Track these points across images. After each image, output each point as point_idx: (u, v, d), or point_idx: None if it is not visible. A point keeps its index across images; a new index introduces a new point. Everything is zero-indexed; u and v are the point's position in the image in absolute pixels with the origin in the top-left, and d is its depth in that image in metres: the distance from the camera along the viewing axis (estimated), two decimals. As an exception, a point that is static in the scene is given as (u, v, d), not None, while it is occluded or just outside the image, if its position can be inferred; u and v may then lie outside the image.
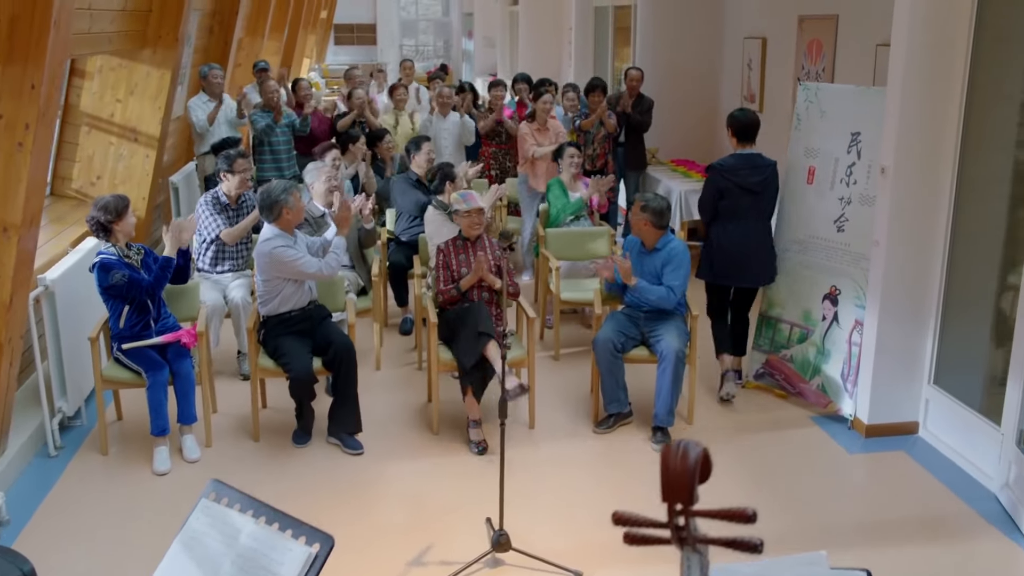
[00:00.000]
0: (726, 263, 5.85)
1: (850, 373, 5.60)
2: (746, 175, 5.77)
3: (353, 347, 5.40)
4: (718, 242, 5.86)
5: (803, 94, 5.97)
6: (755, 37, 8.82)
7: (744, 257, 5.83)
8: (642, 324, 5.60)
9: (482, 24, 24.04)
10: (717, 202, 5.83)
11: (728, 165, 5.83)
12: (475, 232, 5.61)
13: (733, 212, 5.79)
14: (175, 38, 6.97)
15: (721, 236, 5.85)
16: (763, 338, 6.13)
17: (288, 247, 5.34)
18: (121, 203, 5.27)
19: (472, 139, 9.04)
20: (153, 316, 5.33)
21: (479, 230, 5.62)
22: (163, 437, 5.20)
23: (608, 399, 5.54)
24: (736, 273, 5.88)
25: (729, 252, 5.83)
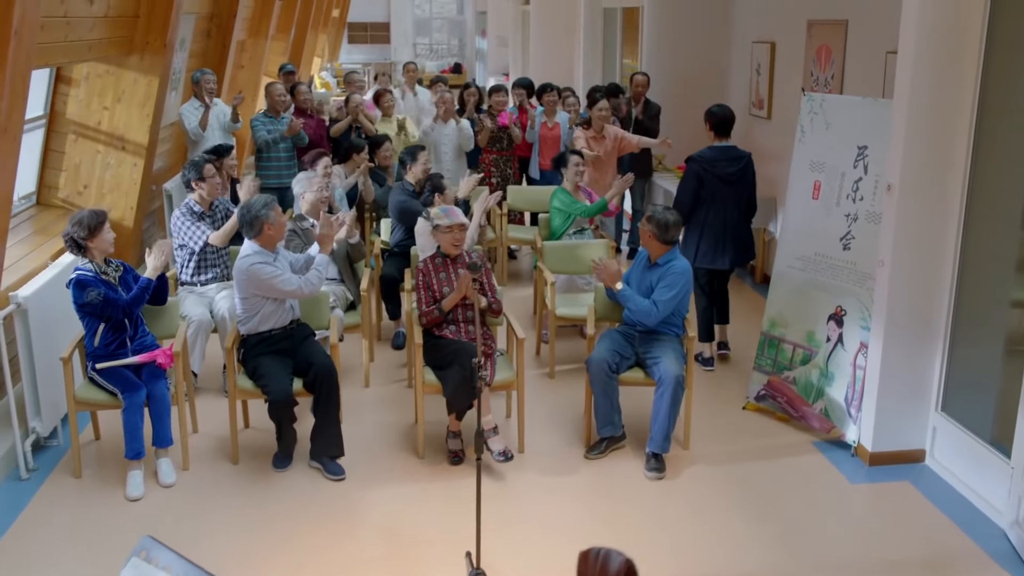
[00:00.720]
0: (708, 248, 6.34)
1: (854, 398, 5.36)
2: (724, 166, 6.30)
3: (334, 369, 5.20)
4: (700, 229, 6.32)
5: (808, 104, 5.73)
6: (764, 41, 8.57)
7: (724, 241, 6.32)
8: (637, 344, 5.38)
9: (495, 23, 23.84)
10: (698, 191, 6.27)
11: (707, 157, 6.35)
12: (456, 250, 5.40)
13: (712, 200, 6.28)
14: (163, 44, 6.79)
15: (703, 223, 6.31)
16: (765, 358, 5.89)
17: (266, 264, 5.15)
18: (96, 219, 5.08)
19: (471, 144, 8.83)
20: (129, 334, 5.15)
21: (460, 248, 5.40)
22: (138, 460, 5.02)
23: (601, 422, 5.32)
24: (718, 257, 6.34)
25: (710, 237, 6.31)
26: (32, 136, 6.82)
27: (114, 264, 5.20)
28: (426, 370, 5.30)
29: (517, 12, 20.12)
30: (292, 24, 14.80)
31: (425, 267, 5.45)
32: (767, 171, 8.60)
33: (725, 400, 6.09)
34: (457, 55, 31.45)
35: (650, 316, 5.27)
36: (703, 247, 6.32)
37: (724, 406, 6.01)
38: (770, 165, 8.53)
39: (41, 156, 6.93)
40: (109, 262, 5.20)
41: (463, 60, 30.86)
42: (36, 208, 6.97)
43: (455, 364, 5.11)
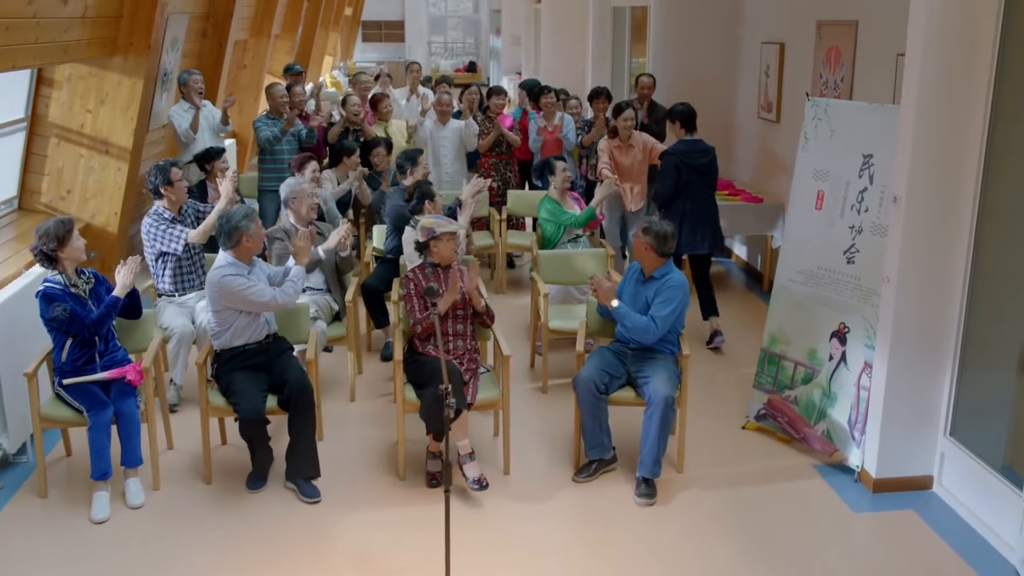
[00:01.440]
0: (688, 235, 6.77)
1: (858, 420, 5.08)
2: (696, 157, 6.84)
3: (310, 386, 4.97)
4: (680, 218, 6.72)
5: (811, 110, 5.45)
6: (773, 42, 8.28)
7: (703, 227, 6.84)
8: (629, 362, 5.13)
9: (510, 21, 23.60)
10: (677, 182, 6.77)
11: (682, 150, 6.86)
12: (455, 257, 5.17)
13: (688, 190, 6.80)
14: (147, 45, 6.59)
15: (682, 212, 6.77)
16: (765, 376, 5.62)
17: (238, 275, 4.94)
18: (63, 228, 4.86)
19: (474, 143, 8.58)
20: (99, 350, 4.94)
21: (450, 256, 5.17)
22: (104, 481, 4.81)
23: (590, 444, 5.07)
24: (698, 242, 6.79)
25: (689, 225, 6.78)
26: (13, 139, 6.64)
27: (85, 275, 5.00)
28: (407, 387, 5.07)
29: (530, 11, 19.87)
30: (299, 23, 14.59)
31: (414, 276, 5.22)
32: (776, 176, 8.33)
33: (724, 419, 5.82)
34: (472, 54, 31.23)
35: (648, 333, 5.01)
36: (684, 235, 6.74)
37: (722, 425, 5.74)
38: (779, 170, 8.25)
39: (23, 160, 6.74)
40: (81, 272, 4.99)
41: (478, 59, 30.64)
42: (17, 213, 6.79)
43: (432, 383, 4.88)
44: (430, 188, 6.17)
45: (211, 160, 6.98)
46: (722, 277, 8.92)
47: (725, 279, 8.86)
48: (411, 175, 6.80)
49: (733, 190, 8.53)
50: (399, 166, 6.97)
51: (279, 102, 8.42)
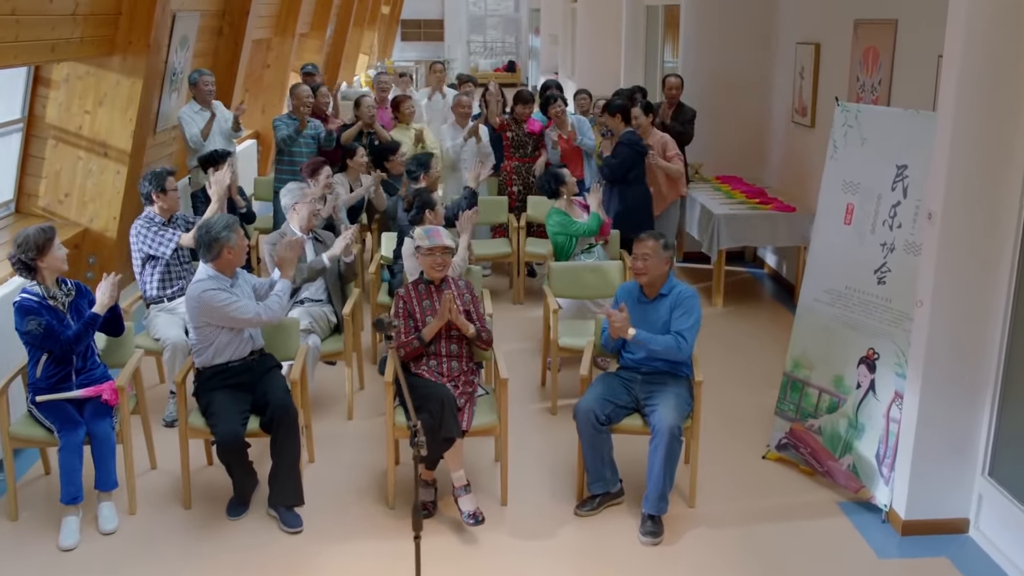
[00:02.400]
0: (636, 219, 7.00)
1: (887, 455, 4.66)
2: (640, 147, 7.31)
3: (293, 408, 4.66)
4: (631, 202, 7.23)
5: (841, 116, 5.03)
6: (808, 42, 7.84)
7: (646, 212, 7.32)
8: (638, 389, 4.75)
9: (548, 21, 23.27)
10: (630, 169, 7.21)
11: (634, 139, 7.29)
12: (439, 274, 4.84)
13: (637, 176, 7.28)
14: (146, 43, 6.33)
15: (629, 197, 7.24)
16: (787, 402, 5.22)
17: (220, 290, 4.64)
18: (43, 236, 4.60)
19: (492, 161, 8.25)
20: (76, 366, 4.67)
21: (443, 272, 4.84)
22: (74, 506, 4.54)
23: (592, 477, 4.71)
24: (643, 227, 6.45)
25: (636, 209, 7.21)
26: (9, 140, 6.42)
27: (66, 287, 4.72)
28: (398, 411, 4.74)
29: (567, 9, 19.50)
30: (328, 21, 14.34)
31: (407, 293, 4.90)
32: (809, 184, 7.88)
33: (743, 447, 5.42)
34: (512, 53, 30.90)
35: (680, 351, 4.65)
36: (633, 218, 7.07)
37: (741, 454, 5.34)
38: (813, 178, 7.79)
39: (20, 162, 6.52)
40: (63, 283, 4.72)
41: (517, 58, 30.30)
42: (14, 217, 6.57)
43: (426, 408, 4.55)
44: (431, 197, 5.83)
45: (215, 164, 6.71)
46: (752, 287, 8.49)
47: (755, 289, 8.44)
48: (423, 180, 6.48)
49: (765, 198, 8.10)
50: (408, 171, 6.64)
51: (303, 103, 8.16)
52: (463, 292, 4.90)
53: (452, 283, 4.90)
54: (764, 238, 7.78)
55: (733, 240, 7.70)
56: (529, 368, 6.52)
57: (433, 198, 5.82)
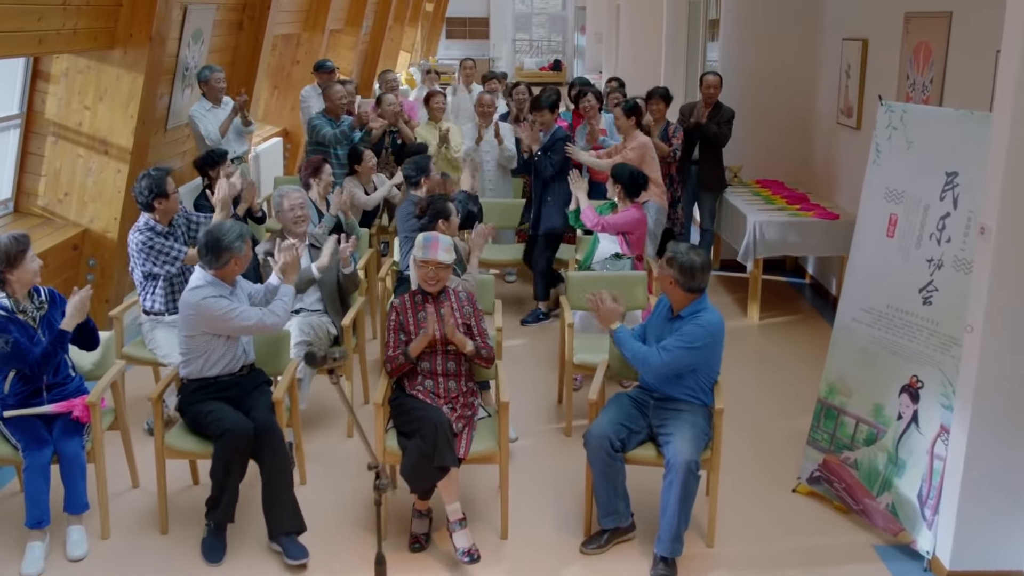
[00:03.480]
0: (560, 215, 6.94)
1: (930, 495, 4.17)
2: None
3: (277, 428, 4.30)
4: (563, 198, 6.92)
5: (885, 117, 4.55)
6: (855, 38, 7.31)
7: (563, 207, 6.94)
8: (651, 413, 4.32)
9: (593, 18, 22.83)
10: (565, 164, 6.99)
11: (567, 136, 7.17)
12: (431, 288, 4.45)
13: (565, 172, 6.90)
14: (148, 36, 6.03)
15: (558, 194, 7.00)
16: (821, 431, 4.74)
17: (221, 297, 4.31)
18: (17, 246, 4.25)
19: (514, 164, 7.85)
20: (47, 382, 4.35)
21: (437, 286, 4.45)
22: (39, 530, 4.22)
23: (603, 511, 4.28)
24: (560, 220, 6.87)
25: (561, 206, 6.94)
26: (7, 136, 6.16)
27: (38, 299, 4.38)
28: (390, 434, 4.36)
29: (611, 7, 19.03)
30: (363, 17, 14.04)
31: (401, 305, 4.52)
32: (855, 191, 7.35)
33: (770, 478, 4.95)
34: (558, 52, 30.43)
35: (647, 364, 4.22)
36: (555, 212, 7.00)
37: (768, 486, 4.88)
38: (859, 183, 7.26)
39: (18, 159, 6.26)
40: (36, 292, 4.39)
41: (563, 57, 29.82)
42: (13, 216, 6.32)
43: (420, 433, 4.17)
44: (447, 206, 5.40)
45: (215, 165, 6.29)
46: (791, 299, 7.98)
47: (794, 301, 7.93)
48: (424, 184, 6.10)
49: (806, 204, 7.59)
50: (407, 177, 6.24)
51: (337, 103, 7.82)
52: (463, 304, 4.51)
53: (452, 295, 4.51)
54: (804, 247, 7.28)
55: (771, 249, 7.22)
56: (548, 383, 6.12)
57: (449, 207, 5.41)
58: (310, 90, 9.21)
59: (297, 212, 5.36)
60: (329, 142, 7.64)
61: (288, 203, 5.34)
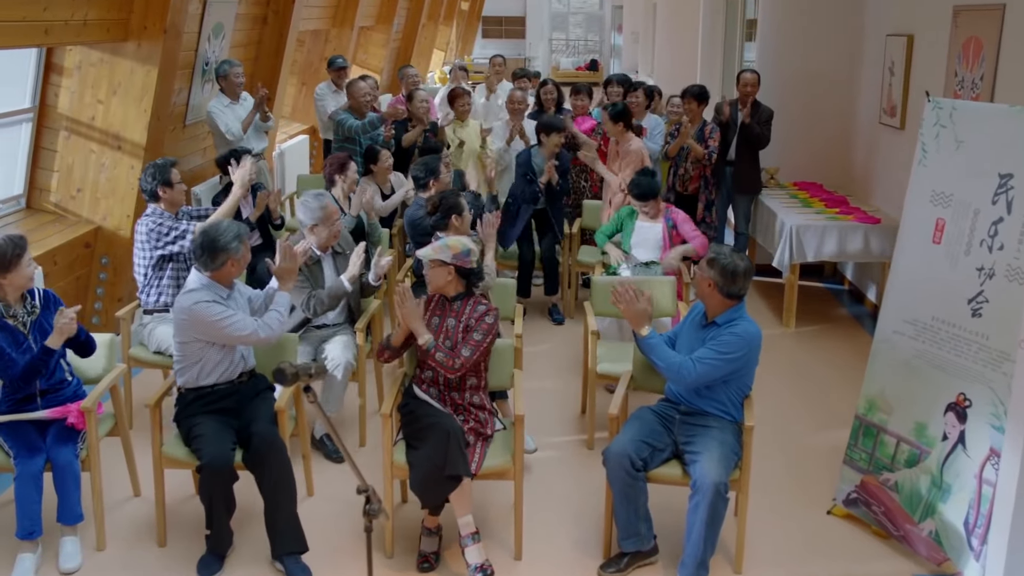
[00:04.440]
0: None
1: (978, 524, 3.86)
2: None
3: (279, 441, 4.08)
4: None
5: (933, 114, 4.24)
6: (899, 34, 6.97)
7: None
8: (677, 429, 4.05)
9: (630, 18, 22.52)
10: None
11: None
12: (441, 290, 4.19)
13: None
14: (162, 29, 5.85)
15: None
16: (858, 450, 4.44)
17: (215, 303, 4.07)
18: (13, 250, 4.02)
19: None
20: (40, 387, 4.16)
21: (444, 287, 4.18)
22: (31, 542, 4.03)
23: (623, 533, 4.01)
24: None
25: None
26: (19, 130, 6.02)
27: (30, 302, 4.17)
28: (398, 447, 4.12)
29: (648, 5, 18.72)
30: (395, 15, 13.85)
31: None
32: (898, 194, 7.02)
33: (804, 498, 4.65)
34: (595, 51, 30.13)
35: (680, 375, 3.95)
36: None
37: (801, 507, 4.58)
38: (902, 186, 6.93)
39: (31, 154, 6.11)
40: (30, 295, 4.19)
41: (600, 56, 29.51)
42: (25, 212, 6.17)
43: (430, 443, 3.93)
44: (459, 201, 5.17)
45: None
46: (829, 306, 7.65)
47: (833, 309, 7.60)
48: (433, 187, 5.86)
49: (846, 207, 7.27)
50: (415, 178, 6.01)
51: (361, 101, 7.61)
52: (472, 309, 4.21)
53: (471, 303, 4.22)
54: (844, 252, 6.94)
55: (808, 254, 6.90)
56: (571, 392, 5.85)
57: (461, 202, 5.16)
58: (324, 87, 8.99)
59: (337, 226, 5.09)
60: (356, 133, 7.42)
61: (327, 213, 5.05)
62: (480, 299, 4.24)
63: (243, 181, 5.33)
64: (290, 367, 2.87)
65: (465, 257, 4.11)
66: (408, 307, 4.08)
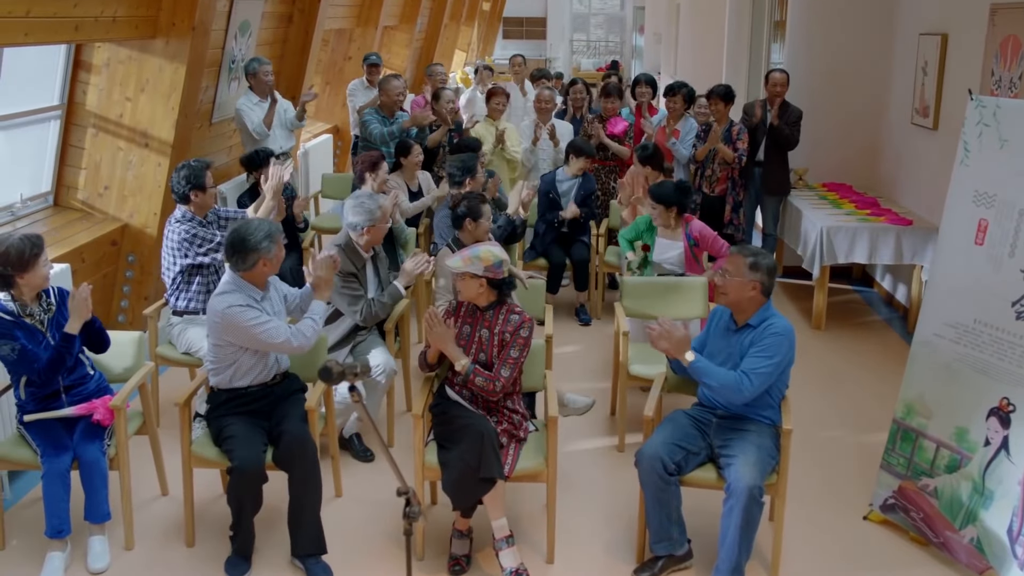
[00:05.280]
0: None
1: (1022, 531, 3.77)
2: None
3: (310, 441, 4.03)
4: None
5: (975, 113, 4.15)
6: (933, 33, 6.87)
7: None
8: (713, 433, 3.98)
9: (652, 19, 22.43)
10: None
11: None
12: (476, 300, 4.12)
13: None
14: (190, 26, 5.82)
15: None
16: (896, 455, 4.35)
17: (249, 307, 4.01)
18: (31, 250, 3.98)
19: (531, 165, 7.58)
20: (63, 383, 4.13)
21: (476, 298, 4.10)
22: (59, 540, 4.01)
23: (656, 536, 3.94)
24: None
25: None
26: (47, 128, 6.01)
27: (46, 300, 4.13)
28: (429, 448, 4.07)
29: (671, 6, 18.62)
30: (418, 14, 13.83)
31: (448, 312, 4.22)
32: (929, 194, 6.94)
33: (839, 504, 4.57)
34: (616, 52, 30.01)
35: (740, 393, 3.86)
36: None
37: (836, 513, 4.50)
38: (933, 186, 6.86)
39: (58, 151, 6.10)
40: (45, 293, 4.15)
41: (621, 58, 29.40)
42: (52, 210, 6.16)
43: (463, 444, 3.87)
44: (480, 207, 5.07)
45: (259, 166, 6.18)
46: (858, 309, 7.55)
47: (862, 312, 7.50)
48: (468, 186, 5.80)
49: (877, 209, 7.17)
50: (450, 175, 5.95)
51: (394, 98, 7.56)
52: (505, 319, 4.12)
53: (504, 314, 4.13)
54: (875, 254, 6.83)
55: (839, 256, 6.81)
56: (600, 394, 5.78)
57: (483, 209, 5.08)
58: (357, 84, 9.00)
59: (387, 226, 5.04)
60: (375, 140, 7.38)
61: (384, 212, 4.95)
62: (513, 307, 4.14)
63: (275, 191, 5.29)
64: (336, 365, 2.82)
65: (497, 269, 4.01)
66: (439, 332, 4.00)
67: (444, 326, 4.00)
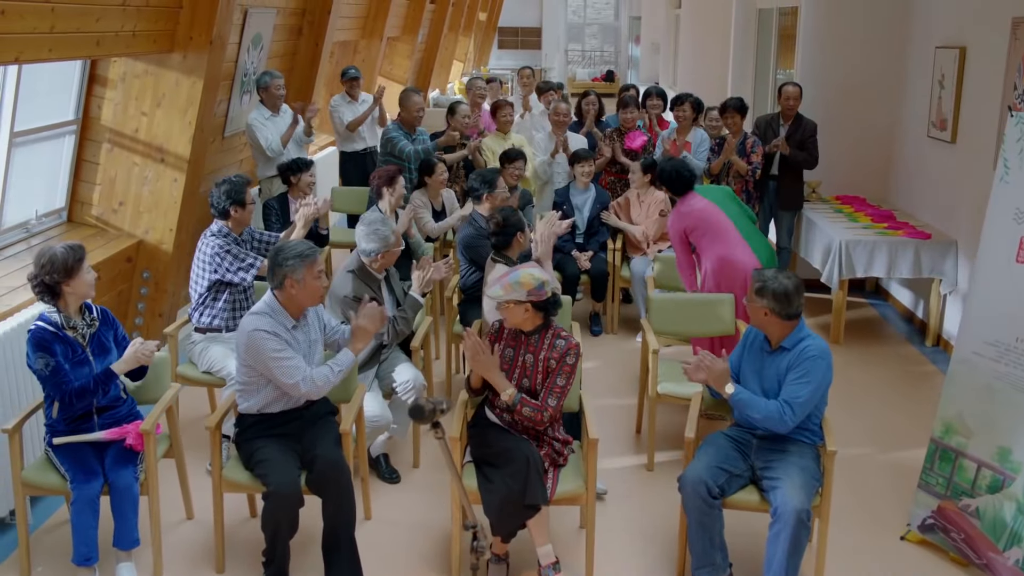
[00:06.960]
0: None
1: (1069, 553, 3.73)
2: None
3: (344, 464, 3.96)
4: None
5: (1016, 129, 4.12)
6: (951, 46, 6.86)
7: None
8: (754, 454, 3.93)
9: (649, 29, 22.43)
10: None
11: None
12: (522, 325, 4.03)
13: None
14: (208, 40, 5.76)
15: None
16: (935, 474, 4.31)
17: (275, 336, 3.93)
18: (74, 256, 3.97)
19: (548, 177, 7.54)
20: (97, 405, 4.05)
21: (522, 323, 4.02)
22: (87, 568, 3.92)
23: (699, 561, 3.87)
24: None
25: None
26: (61, 143, 5.93)
27: (89, 316, 4.09)
28: (467, 468, 4.00)
29: (670, 16, 18.63)
30: (419, 25, 13.79)
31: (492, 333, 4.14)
32: (947, 207, 6.92)
33: (875, 524, 4.52)
34: (611, 62, 30.06)
35: (783, 423, 3.81)
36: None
37: (874, 533, 4.45)
38: (952, 200, 6.84)
39: (73, 167, 6.02)
40: (87, 309, 4.10)
41: (616, 68, 29.44)
42: (66, 226, 6.07)
43: (506, 468, 3.80)
44: (520, 218, 5.02)
45: (297, 172, 6.41)
46: (875, 323, 7.52)
47: (878, 325, 7.46)
48: (487, 201, 5.75)
49: (894, 223, 7.14)
50: (471, 189, 5.89)
51: (414, 115, 7.46)
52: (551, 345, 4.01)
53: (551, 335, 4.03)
54: (894, 269, 6.80)
55: (858, 270, 6.77)
56: (620, 412, 5.73)
57: (521, 218, 5.03)
58: (339, 99, 8.72)
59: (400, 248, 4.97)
60: (408, 158, 7.24)
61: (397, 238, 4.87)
62: (559, 331, 4.04)
63: (308, 221, 5.22)
64: (428, 403, 2.75)
65: (540, 291, 3.91)
66: (482, 361, 3.91)
67: (488, 354, 3.93)
